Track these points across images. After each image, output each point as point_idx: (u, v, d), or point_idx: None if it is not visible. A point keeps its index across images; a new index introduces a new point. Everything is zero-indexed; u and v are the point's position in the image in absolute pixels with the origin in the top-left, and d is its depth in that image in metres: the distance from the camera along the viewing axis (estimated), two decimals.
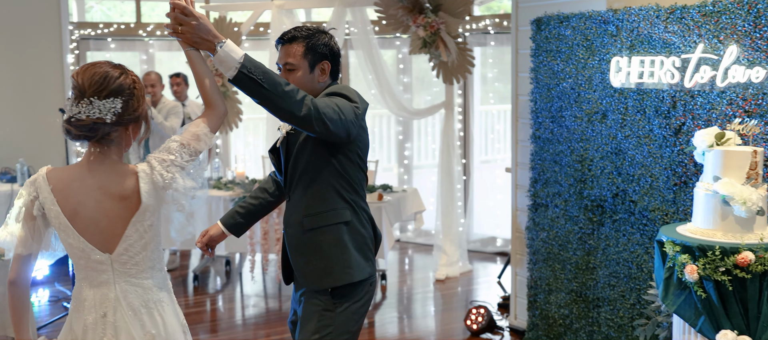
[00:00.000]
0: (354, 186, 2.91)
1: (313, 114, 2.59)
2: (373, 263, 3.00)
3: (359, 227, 2.93)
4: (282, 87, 2.53)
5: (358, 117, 2.82)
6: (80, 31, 7.90)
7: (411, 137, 8.36)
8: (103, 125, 2.32)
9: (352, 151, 2.86)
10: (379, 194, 6.03)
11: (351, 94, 2.85)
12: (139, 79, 2.44)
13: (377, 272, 6.63)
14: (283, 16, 7.49)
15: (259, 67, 2.50)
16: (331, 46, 2.93)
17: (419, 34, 6.68)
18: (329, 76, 2.95)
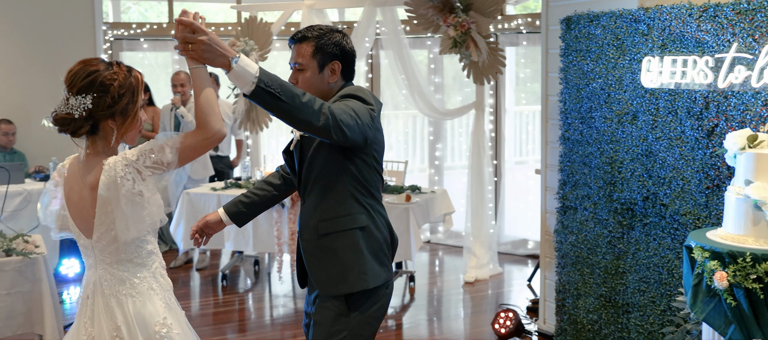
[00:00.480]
0: (370, 190, 2.85)
1: (331, 123, 2.53)
2: (388, 268, 2.93)
3: (375, 231, 2.86)
4: (300, 98, 2.46)
5: (374, 120, 2.76)
6: (114, 31, 7.98)
7: (442, 138, 8.28)
8: (73, 121, 2.45)
9: (368, 154, 2.81)
10: (407, 195, 5.97)
11: (366, 95, 2.78)
12: (126, 76, 2.48)
13: (406, 273, 6.65)
14: (313, 16, 7.47)
15: (275, 79, 2.44)
16: (343, 46, 2.86)
17: (449, 33, 6.61)
18: (341, 76, 2.89)
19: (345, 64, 2.88)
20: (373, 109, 2.76)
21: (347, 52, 2.88)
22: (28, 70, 7.52)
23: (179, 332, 2.58)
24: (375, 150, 2.84)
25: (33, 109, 7.46)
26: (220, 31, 8.26)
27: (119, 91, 2.44)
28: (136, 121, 2.55)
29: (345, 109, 2.61)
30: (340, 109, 2.59)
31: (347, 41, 2.89)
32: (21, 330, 4.49)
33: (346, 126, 2.57)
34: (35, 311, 4.47)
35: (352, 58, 2.91)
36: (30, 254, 4.47)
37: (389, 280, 2.92)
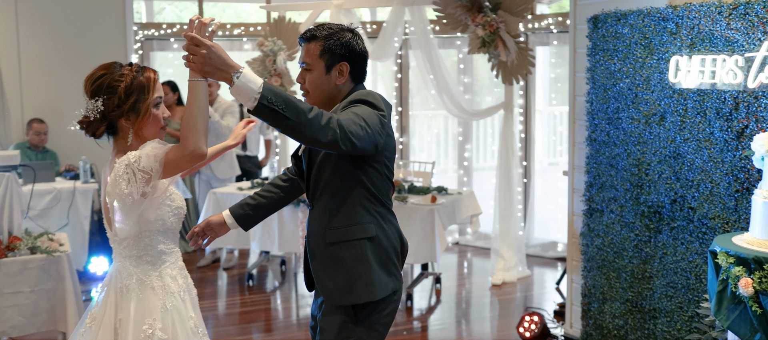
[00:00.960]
0: (380, 197, 2.77)
1: (340, 136, 2.45)
2: (397, 277, 2.84)
3: (384, 241, 2.78)
4: (306, 115, 2.38)
5: (385, 126, 2.67)
6: (144, 31, 8.04)
7: (471, 139, 8.21)
8: (90, 123, 2.60)
9: (378, 161, 2.74)
10: (433, 196, 5.92)
11: (376, 100, 2.69)
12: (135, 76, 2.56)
13: (432, 275, 6.59)
14: (341, 16, 7.45)
15: (280, 95, 2.36)
16: (352, 46, 2.76)
17: (478, 33, 6.54)
18: (351, 78, 2.79)
19: (354, 65, 2.78)
20: (383, 114, 2.68)
21: (357, 53, 2.78)
22: (60, 70, 7.61)
23: (163, 337, 2.58)
24: (386, 156, 2.76)
25: (64, 108, 7.54)
26: (249, 31, 8.28)
27: (126, 91, 2.53)
28: (150, 117, 2.59)
29: (354, 119, 2.53)
30: (349, 120, 2.51)
31: (358, 42, 2.79)
32: (45, 327, 4.54)
33: (355, 137, 2.50)
34: (59, 309, 4.51)
35: (363, 60, 2.81)
36: (54, 252, 4.51)
37: (398, 289, 2.85)
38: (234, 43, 8.47)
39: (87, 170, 6.73)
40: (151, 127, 2.60)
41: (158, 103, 2.61)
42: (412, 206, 5.88)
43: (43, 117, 7.41)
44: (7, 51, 7.45)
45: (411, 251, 5.86)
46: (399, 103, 8.44)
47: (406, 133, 8.48)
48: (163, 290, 2.63)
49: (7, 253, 4.45)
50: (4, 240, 4.51)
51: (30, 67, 7.53)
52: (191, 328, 2.66)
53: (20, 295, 4.43)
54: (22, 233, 4.61)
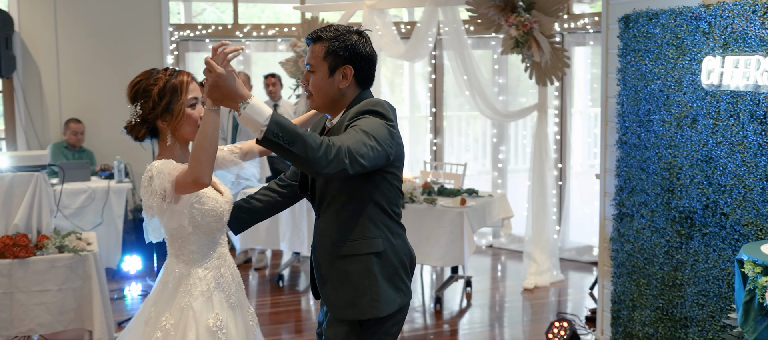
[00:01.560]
0: (388, 210, 2.69)
1: (349, 164, 2.39)
2: (405, 292, 2.76)
3: (392, 256, 2.70)
4: (313, 150, 2.32)
5: (394, 136, 2.59)
6: (180, 32, 8.10)
7: (506, 140, 8.10)
8: (132, 127, 2.69)
9: (388, 172, 2.66)
10: (462, 199, 5.84)
11: (385, 110, 2.61)
12: (168, 80, 2.64)
13: (462, 278, 6.50)
14: (374, 16, 7.41)
15: (287, 129, 2.30)
16: (357, 49, 2.66)
17: (511, 33, 6.45)
18: (356, 82, 2.70)
19: (359, 69, 2.68)
20: (392, 124, 2.60)
21: (362, 56, 2.68)
22: (97, 70, 7.71)
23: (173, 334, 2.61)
24: (396, 166, 2.68)
25: (101, 108, 7.65)
26: (284, 32, 8.29)
27: (160, 94, 2.62)
28: (185, 117, 2.64)
29: (362, 140, 2.45)
30: (357, 142, 2.43)
31: (364, 45, 2.69)
32: (72, 325, 4.58)
33: (365, 159, 2.44)
34: (85, 307, 4.55)
35: (369, 64, 2.71)
36: (81, 251, 4.55)
37: (405, 305, 2.77)
38: (269, 44, 8.49)
39: (121, 170, 6.79)
40: (186, 126, 2.66)
41: (193, 103, 2.66)
42: (441, 208, 5.82)
43: (80, 117, 7.51)
44: (46, 53, 7.57)
45: (439, 254, 5.80)
46: (433, 104, 8.37)
47: (441, 135, 8.41)
48: (187, 291, 2.68)
49: (35, 251, 4.50)
50: (33, 239, 4.57)
51: (68, 69, 7.64)
52: (208, 326, 2.65)
53: (48, 293, 4.48)
54: (51, 232, 4.66)
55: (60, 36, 7.59)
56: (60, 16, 7.56)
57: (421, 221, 5.86)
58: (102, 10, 7.67)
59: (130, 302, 6.34)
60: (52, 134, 7.63)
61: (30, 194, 4.56)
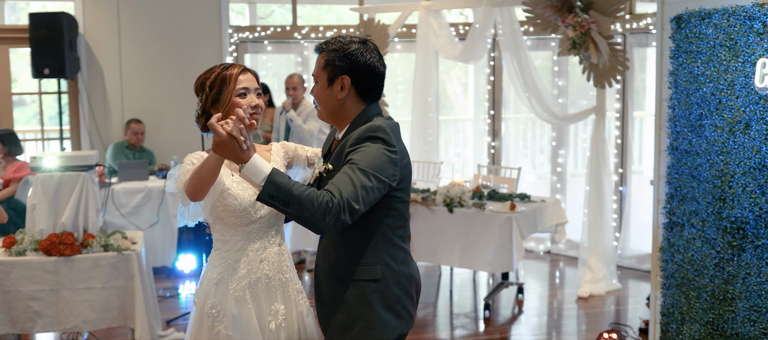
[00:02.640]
0: (391, 236, 2.61)
1: (348, 219, 2.38)
2: (407, 320, 2.68)
3: (392, 284, 2.62)
4: (310, 212, 2.32)
5: (396, 162, 2.52)
6: (239, 34, 8.19)
7: (565, 144, 7.90)
8: (198, 118, 2.86)
9: (391, 196, 2.58)
10: (512, 204, 5.71)
11: (386, 134, 2.53)
12: (219, 73, 2.78)
13: (514, 284, 6.35)
14: (430, 17, 7.34)
15: (283, 190, 2.33)
16: (355, 59, 2.57)
17: (568, 34, 6.28)
18: (357, 94, 2.62)
19: (356, 79, 2.59)
20: (393, 149, 2.52)
21: (359, 65, 2.58)
22: (158, 72, 7.86)
23: (224, 316, 2.74)
24: (400, 189, 2.61)
25: (162, 109, 7.80)
26: (341, 34, 8.28)
27: (210, 85, 2.78)
28: (232, 105, 2.73)
29: (361, 184, 2.41)
30: (355, 189, 2.39)
31: (363, 55, 2.58)
32: (115, 323, 4.66)
33: (365, 204, 2.42)
34: (128, 306, 4.62)
35: (369, 74, 2.60)
36: (125, 250, 4.62)
37: (404, 333, 2.68)
38: None
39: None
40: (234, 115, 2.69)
41: (242, 93, 2.75)
42: (490, 213, 5.69)
43: (141, 118, 7.68)
44: (109, 54, 7.77)
45: (487, 259, 5.69)
46: (491, 107, 8.23)
47: (499, 138, 8.26)
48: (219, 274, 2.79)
49: (81, 250, 4.59)
50: (79, 237, 4.66)
51: (130, 70, 7.82)
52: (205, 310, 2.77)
53: (92, 291, 4.56)
54: (98, 231, 4.74)
55: (123, 38, 7.77)
56: (123, 19, 7.74)
57: (469, 225, 5.75)
58: (163, 13, 7.81)
59: (183, 300, 6.42)
60: (114, 134, 7.81)
61: (77, 194, 4.66)
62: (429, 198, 5.97)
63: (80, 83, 7.70)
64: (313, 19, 11.37)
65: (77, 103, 7.81)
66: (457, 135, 9.78)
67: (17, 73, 9.70)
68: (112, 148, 7.50)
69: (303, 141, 7.16)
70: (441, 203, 5.89)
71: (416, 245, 6.02)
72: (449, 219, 5.84)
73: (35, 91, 8.06)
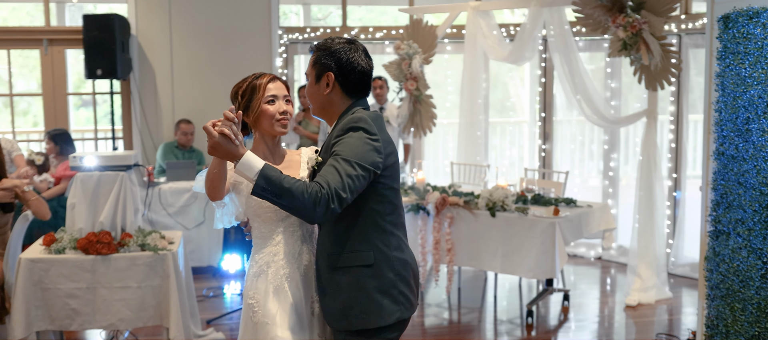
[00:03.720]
0: (381, 222, 2.70)
1: (337, 208, 2.49)
2: (406, 305, 2.75)
3: (385, 269, 2.70)
4: (299, 200, 2.45)
5: (379, 150, 2.62)
6: (289, 35, 8.21)
7: (618, 147, 7.67)
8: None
9: (378, 182, 2.67)
10: (556, 209, 5.55)
11: (368, 124, 2.64)
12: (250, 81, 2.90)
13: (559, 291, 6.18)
14: (479, 18, 7.22)
15: (274, 183, 2.46)
16: (339, 56, 2.71)
17: (619, 35, 6.09)
18: (342, 91, 2.74)
19: (340, 75, 2.72)
20: (374, 137, 2.62)
21: (342, 63, 2.71)
22: (208, 72, 7.95)
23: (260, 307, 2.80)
24: (387, 177, 2.70)
25: (211, 109, 7.87)
26: (391, 35, 8.24)
27: (242, 94, 2.90)
28: (261, 112, 2.86)
29: (346, 173, 2.52)
30: (341, 178, 2.51)
31: (347, 53, 2.72)
32: (151, 322, 4.69)
33: (352, 192, 2.53)
34: (164, 305, 4.65)
35: (352, 71, 2.72)
36: (161, 249, 4.65)
37: (404, 317, 2.76)
38: (376, 47, 8.46)
39: None
40: (263, 121, 2.87)
41: (271, 100, 2.87)
42: (532, 218, 5.56)
43: (191, 118, 7.76)
44: (161, 55, 7.88)
45: (529, 265, 5.56)
46: (542, 109, 8.07)
47: (550, 141, 8.09)
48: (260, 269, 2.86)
49: (118, 249, 4.64)
50: (117, 237, 4.72)
51: (181, 71, 7.92)
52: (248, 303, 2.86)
53: (128, 290, 4.60)
54: (135, 230, 4.79)
55: (174, 39, 7.87)
56: (174, 20, 7.85)
57: (511, 230, 5.63)
58: (214, 14, 7.89)
59: (228, 300, 6.46)
60: (164, 134, 7.93)
61: (115, 193, 4.71)
62: (471, 202, 5.86)
63: (133, 84, 7.83)
64: (369, 20, 11.35)
65: (130, 104, 7.95)
66: (512, 138, 9.63)
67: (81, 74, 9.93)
68: (162, 148, 7.61)
69: None
70: (483, 207, 5.78)
71: (458, 249, 5.92)
72: (492, 223, 5.72)
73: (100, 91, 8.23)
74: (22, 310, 4.51)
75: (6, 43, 7.85)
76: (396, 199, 2.75)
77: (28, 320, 4.54)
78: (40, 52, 7.89)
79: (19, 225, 5.03)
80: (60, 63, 7.96)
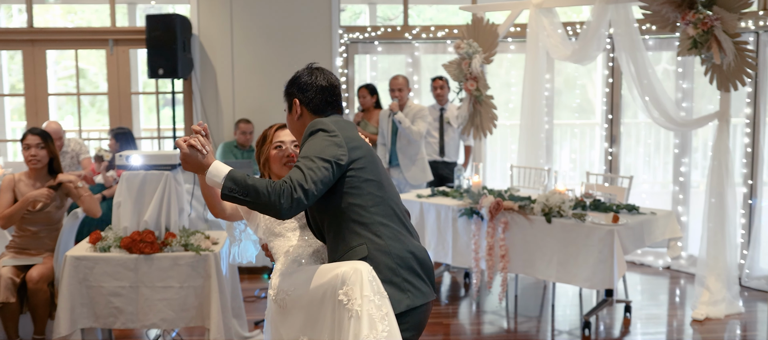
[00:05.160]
0: (365, 215, 2.76)
1: (302, 197, 2.60)
2: (414, 292, 2.74)
3: (382, 257, 2.72)
4: (266, 196, 2.58)
5: (340, 144, 2.74)
6: (349, 34, 8.13)
7: (689, 152, 7.29)
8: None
9: (352, 176, 2.77)
10: (615, 215, 5.27)
11: (325, 125, 2.79)
12: (260, 137, 3.31)
13: (620, 302, 5.88)
14: (541, 16, 6.97)
15: (240, 182, 2.60)
16: (299, 80, 2.92)
17: (688, 32, 5.77)
18: (309, 111, 2.91)
19: (306, 99, 2.90)
20: (333, 134, 2.75)
21: (302, 85, 2.91)
22: (269, 72, 7.93)
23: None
24: (358, 167, 2.77)
25: (271, 109, 7.86)
26: (453, 34, 8.06)
27: (257, 144, 3.31)
28: (270, 158, 3.24)
29: (307, 166, 2.65)
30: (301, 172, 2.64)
31: (306, 77, 2.91)
32: (193, 323, 4.66)
33: (316, 182, 2.63)
34: (205, 306, 4.61)
35: (313, 90, 2.90)
36: (203, 250, 4.61)
37: (415, 305, 2.74)
38: (438, 46, 8.30)
39: None
40: (273, 164, 3.23)
41: (278, 146, 3.21)
42: (590, 225, 5.29)
43: (250, 118, 7.76)
44: (222, 55, 7.91)
45: (586, 275, 5.30)
46: (609, 111, 7.75)
47: (617, 144, 7.76)
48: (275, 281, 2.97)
49: (162, 248, 4.63)
50: (161, 236, 4.70)
51: (242, 70, 7.93)
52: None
53: (170, 290, 4.58)
54: (179, 230, 4.77)
55: (235, 39, 7.89)
56: (235, 20, 7.86)
57: (568, 237, 5.38)
58: (275, 14, 7.88)
59: None
60: (225, 134, 7.95)
61: (160, 192, 4.70)
62: (527, 207, 5.64)
63: (194, 83, 7.88)
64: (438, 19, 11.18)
65: (191, 103, 8.01)
66: (581, 141, 9.30)
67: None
68: (221, 148, 7.63)
69: (412, 143, 7.00)
70: (539, 212, 5.55)
71: (512, 256, 5.70)
72: (547, 230, 5.49)
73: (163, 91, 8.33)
74: (67, 307, 4.55)
75: (74, 44, 8.02)
76: (379, 191, 2.79)
77: (72, 317, 4.57)
78: (106, 52, 8.03)
79: (69, 223, 5.09)
80: (124, 63, 8.08)
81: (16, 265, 4.92)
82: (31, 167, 5.02)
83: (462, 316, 6.16)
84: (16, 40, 7.94)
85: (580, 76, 9.35)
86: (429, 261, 2.87)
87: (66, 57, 10.66)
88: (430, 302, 2.84)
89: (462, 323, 6.00)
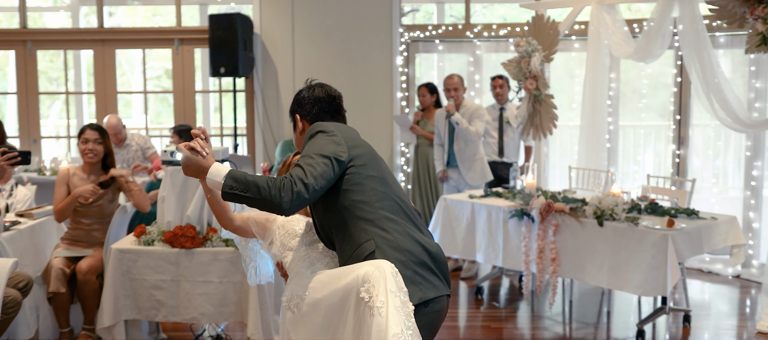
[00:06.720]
0: (370, 211, 2.75)
1: (303, 191, 2.61)
2: (426, 285, 2.70)
3: (390, 251, 2.69)
4: (266, 191, 2.58)
5: (339, 143, 2.77)
6: (410, 33, 8.07)
7: (761, 154, 6.92)
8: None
9: (354, 173, 2.78)
10: (670, 220, 5.04)
11: (323, 127, 2.83)
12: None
13: (681, 312, 5.61)
14: (603, 13, 6.75)
15: (240, 179, 2.60)
16: (300, 98, 3.01)
17: (757, 28, 5.47)
18: (309, 123, 2.98)
19: (303, 112, 2.99)
20: (332, 134, 2.78)
21: (299, 100, 3.01)
22: (329, 70, 7.96)
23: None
24: (359, 164, 2.79)
25: None
26: (515, 32, 7.90)
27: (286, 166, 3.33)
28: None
29: (306, 163, 2.67)
30: (301, 168, 2.65)
31: (305, 92, 3.00)
32: (232, 318, 4.69)
33: (316, 178, 2.64)
34: (244, 302, 4.63)
35: (309, 103, 2.98)
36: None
37: (429, 298, 2.69)
38: (500, 45, 8.15)
39: None
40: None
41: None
42: (643, 229, 5.07)
43: None
44: (283, 53, 7.98)
45: (637, 281, 5.08)
46: (677, 111, 7.44)
47: (685, 146, 7.44)
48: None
49: (203, 243, 4.67)
50: (202, 231, 4.75)
51: (302, 68, 7.99)
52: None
53: (210, 284, 4.62)
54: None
55: (296, 37, 7.94)
56: (297, 19, 7.92)
57: (620, 241, 5.17)
58: (336, 12, 7.89)
59: None
60: (285, 132, 8.02)
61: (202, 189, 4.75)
62: (578, 209, 5.45)
63: (255, 82, 7.98)
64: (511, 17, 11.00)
65: (253, 101, 8.10)
66: (647, 142, 8.98)
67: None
68: (280, 146, 7.69)
69: (469, 143, 6.89)
70: (591, 215, 5.36)
71: (563, 260, 5.53)
72: (599, 233, 5.29)
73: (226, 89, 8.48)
74: (110, 298, 4.64)
75: (141, 43, 8.23)
76: (383, 186, 2.79)
77: (116, 309, 4.66)
78: (171, 52, 8.21)
79: (118, 217, 5.21)
80: (189, 62, 8.24)
81: (67, 256, 5.06)
82: (87, 161, 5.17)
83: (519, 320, 6.00)
84: (87, 40, 8.21)
85: (647, 76, 9.03)
86: (442, 256, 2.81)
87: (151, 57, 10.98)
88: (444, 301, 2.77)
89: (519, 328, 5.84)
